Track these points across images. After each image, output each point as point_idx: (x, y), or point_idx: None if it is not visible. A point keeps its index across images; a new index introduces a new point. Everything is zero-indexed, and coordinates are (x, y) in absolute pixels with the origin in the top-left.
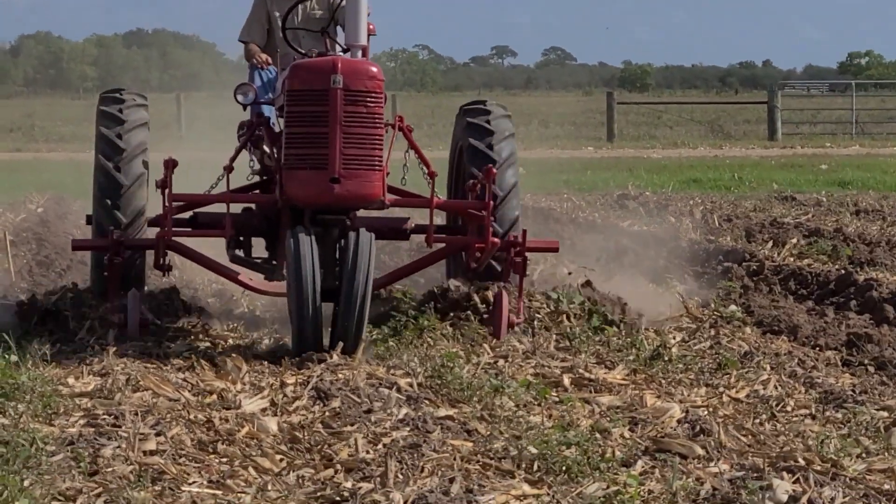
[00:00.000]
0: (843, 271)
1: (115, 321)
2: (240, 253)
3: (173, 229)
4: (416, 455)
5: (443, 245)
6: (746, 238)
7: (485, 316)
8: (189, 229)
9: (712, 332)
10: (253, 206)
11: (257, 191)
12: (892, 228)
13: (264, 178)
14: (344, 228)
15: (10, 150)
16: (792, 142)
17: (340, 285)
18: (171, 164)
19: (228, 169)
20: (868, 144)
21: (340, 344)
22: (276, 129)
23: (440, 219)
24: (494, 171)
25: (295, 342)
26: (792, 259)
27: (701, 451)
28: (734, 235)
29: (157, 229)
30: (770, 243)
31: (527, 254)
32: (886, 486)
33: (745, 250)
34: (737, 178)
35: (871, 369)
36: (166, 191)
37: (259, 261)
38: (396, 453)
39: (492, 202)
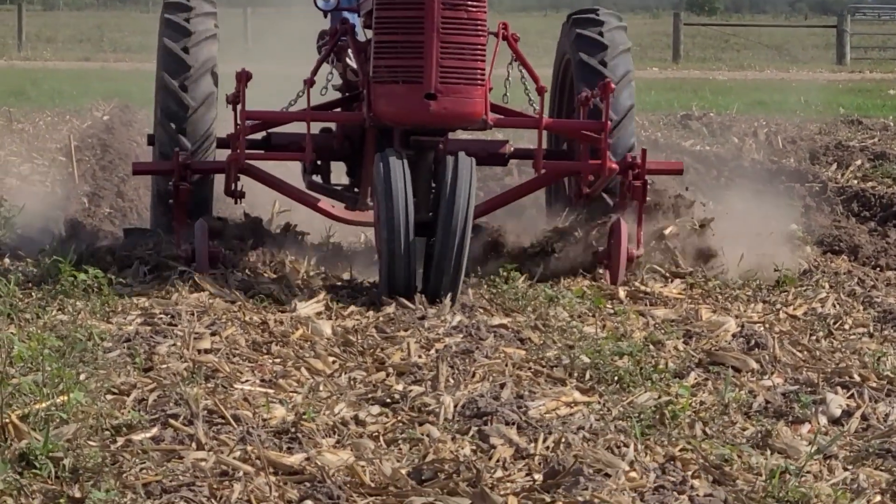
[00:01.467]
0: None
1: (181, 254)
2: (317, 179)
3: (247, 151)
4: (468, 360)
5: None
6: (810, 160)
7: (599, 249)
8: (263, 151)
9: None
10: (333, 126)
11: (338, 109)
12: None
13: (346, 94)
14: (439, 152)
15: (79, 60)
16: (860, 66)
17: (436, 218)
18: (244, 77)
19: (309, 83)
20: None
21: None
22: (362, 39)
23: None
24: (613, 86)
25: (383, 282)
26: (856, 181)
27: (755, 365)
28: (798, 157)
29: (226, 151)
30: (834, 165)
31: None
32: None
33: (808, 171)
34: (803, 101)
35: None
36: (238, 107)
37: (339, 188)
38: (448, 358)
39: (609, 122)
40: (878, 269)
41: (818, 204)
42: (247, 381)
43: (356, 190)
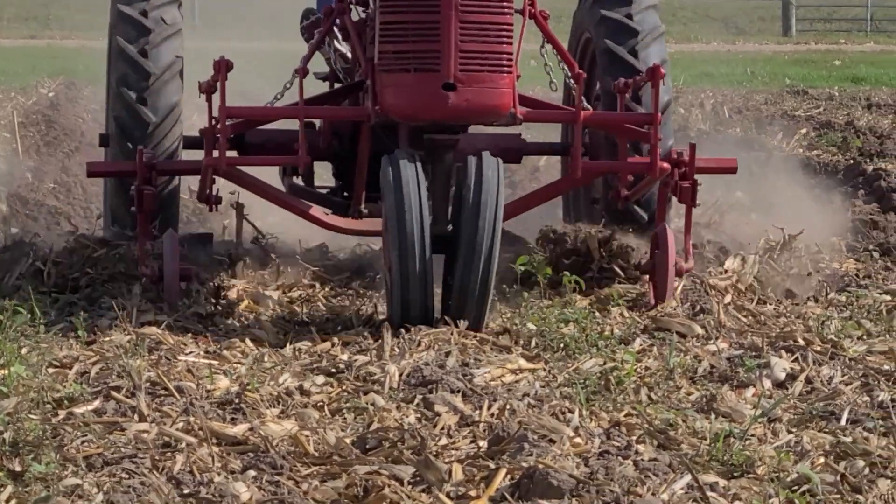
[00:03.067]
0: (851, 161)
1: (145, 273)
2: (299, 181)
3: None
4: (412, 330)
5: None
6: (756, 129)
7: (641, 262)
8: (246, 155)
9: (716, 218)
10: (317, 122)
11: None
12: None
13: (340, 83)
14: (458, 153)
15: (25, 38)
16: (806, 38)
17: (458, 231)
18: (223, 67)
19: (302, 72)
20: (883, 41)
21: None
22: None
23: (556, 134)
24: (663, 71)
25: (395, 307)
26: (801, 150)
27: (700, 331)
28: (744, 126)
29: (194, 152)
30: (780, 134)
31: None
32: (886, 367)
33: (754, 140)
34: (749, 72)
35: (876, 255)
36: (217, 103)
37: (325, 192)
38: (393, 329)
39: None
40: (823, 234)
41: (763, 172)
42: (191, 352)
43: (346, 195)
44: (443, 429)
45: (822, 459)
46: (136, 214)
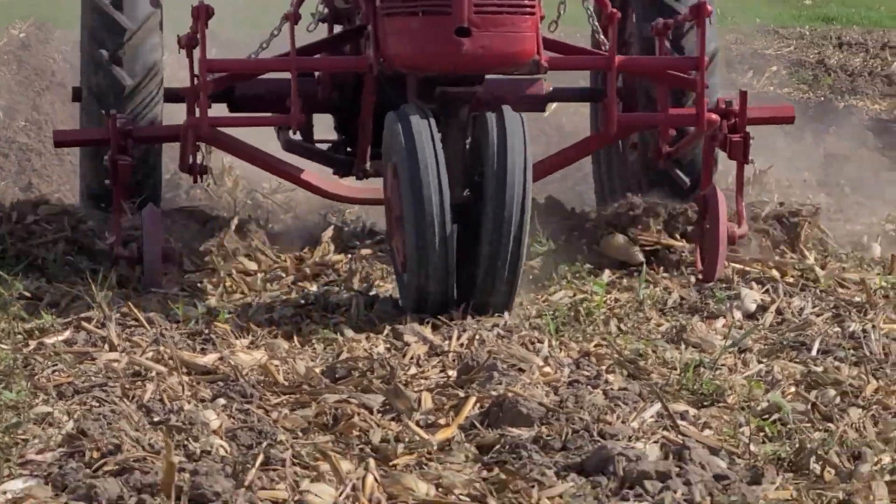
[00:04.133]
0: (822, 99)
1: (122, 255)
2: (297, 137)
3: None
4: (385, 261)
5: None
6: (726, 68)
7: (687, 230)
8: (239, 110)
9: None
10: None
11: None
12: (874, 61)
13: (339, 28)
14: (474, 107)
15: None
16: None
17: (480, 200)
18: (204, 13)
19: (293, 18)
20: None
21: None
22: None
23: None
24: (710, 7)
25: (410, 294)
26: (772, 88)
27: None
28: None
29: (175, 108)
30: (750, 73)
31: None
32: (857, 299)
33: (725, 79)
34: (719, 12)
35: (847, 190)
36: (197, 56)
37: (326, 148)
38: (365, 259)
39: (706, 57)
40: (794, 169)
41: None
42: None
43: (349, 150)
44: (412, 358)
45: (792, 389)
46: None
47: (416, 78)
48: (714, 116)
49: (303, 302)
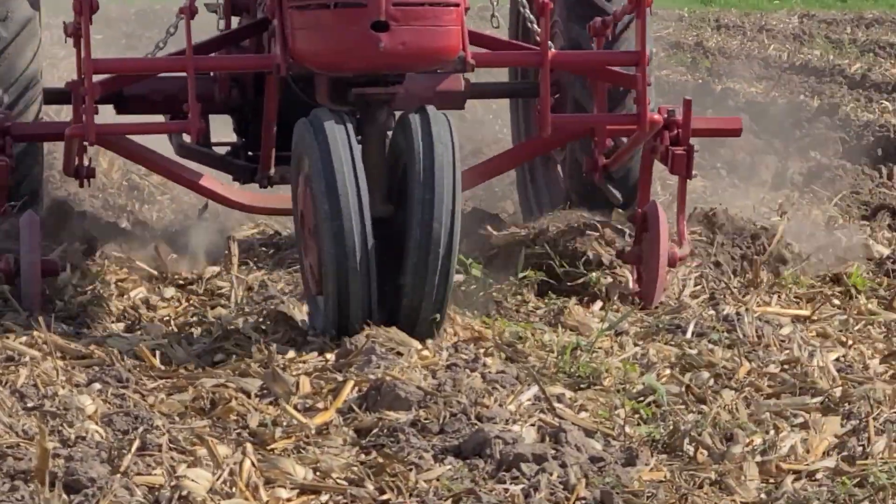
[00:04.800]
0: (700, 81)
1: (1, 269)
2: (188, 140)
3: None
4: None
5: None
6: None
7: (624, 250)
8: (125, 110)
9: None
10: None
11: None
12: (751, 44)
13: (240, 21)
14: (392, 109)
15: None
16: None
17: (403, 214)
18: (87, 8)
19: (188, 12)
20: None
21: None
22: None
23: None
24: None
25: (329, 317)
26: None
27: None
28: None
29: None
30: None
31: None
32: (735, 284)
33: None
34: None
35: (724, 172)
36: (82, 54)
37: (224, 153)
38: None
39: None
40: None
41: None
42: None
43: (250, 155)
44: (289, 342)
45: (667, 371)
46: None
47: (328, 78)
48: (657, 117)
49: (181, 283)
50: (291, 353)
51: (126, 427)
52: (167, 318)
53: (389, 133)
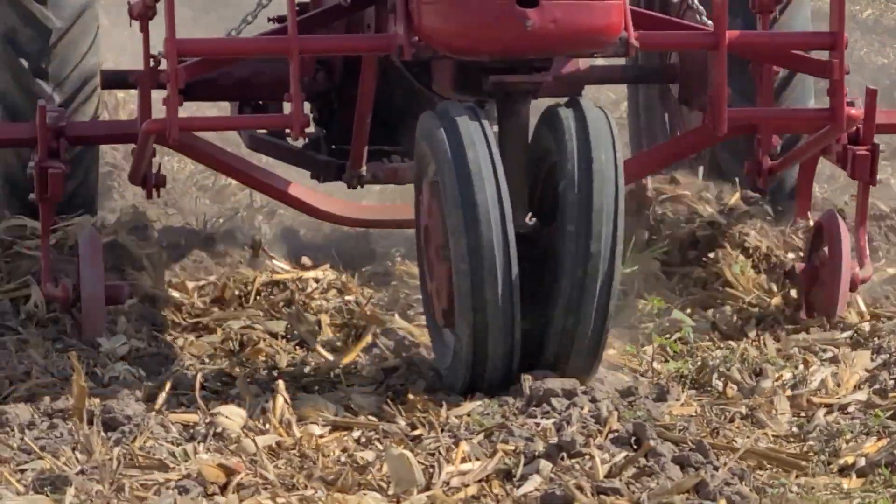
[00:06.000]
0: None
1: (52, 295)
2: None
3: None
4: None
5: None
6: None
7: (795, 266)
8: (212, 117)
9: None
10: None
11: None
12: None
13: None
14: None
15: None
16: None
17: (554, 229)
18: None
19: None
20: None
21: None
22: None
23: None
24: None
25: (463, 349)
26: None
27: None
28: None
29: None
30: None
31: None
32: None
33: None
34: None
35: None
36: (166, 35)
37: (302, 145)
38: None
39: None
40: None
41: None
42: None
43: (333, 148)
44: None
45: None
46: (35, 203)
47: (455, 62)
48: (855, 111)
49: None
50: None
51: (157, 368)
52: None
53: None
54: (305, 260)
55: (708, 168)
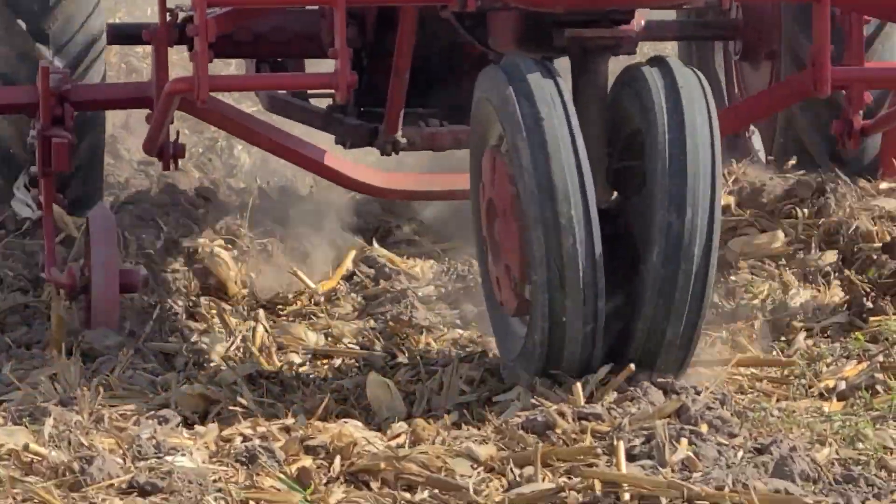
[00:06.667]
0: None
1: (58, 281)
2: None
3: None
4: None
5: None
6: None
7: None
8: (245, 75)
9: None
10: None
11: None
12: None
13: None
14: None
15: None
16: None
17: (638, 204)
18: None
19: None
20: None
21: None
22: None
23: None
24: None
25: (537, 340)
26: None
27: None
28: None
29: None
30: None
31: None
32: None
33: None
34: None
35: None
36: None
37: (326, 107)
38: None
39: None
40: None
41: None
42: None
43: (363, 111)
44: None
45: None
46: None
47: (522, 14)
48: None
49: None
50: None
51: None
52: None
53: None
54: None
55: (780, 133)
